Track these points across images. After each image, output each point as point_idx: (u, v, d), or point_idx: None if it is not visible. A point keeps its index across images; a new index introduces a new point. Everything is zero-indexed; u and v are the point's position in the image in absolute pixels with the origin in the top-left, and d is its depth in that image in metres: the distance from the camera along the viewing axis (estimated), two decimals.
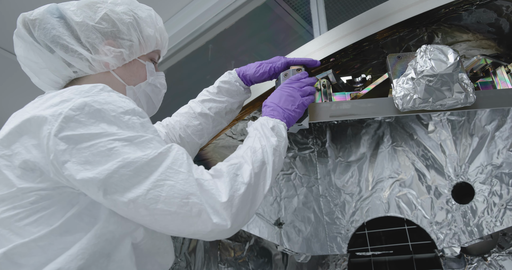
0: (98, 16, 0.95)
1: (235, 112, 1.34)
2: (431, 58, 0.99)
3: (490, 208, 1.63)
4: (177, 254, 1.67)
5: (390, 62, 1.16)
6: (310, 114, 1.15)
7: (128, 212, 0.75)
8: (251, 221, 1.77)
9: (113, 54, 0.96)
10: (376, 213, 1.94)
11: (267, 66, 1.26)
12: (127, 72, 1.00)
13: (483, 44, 1.33)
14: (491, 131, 1.69)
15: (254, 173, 0.86)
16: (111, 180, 0.73)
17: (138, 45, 1.00)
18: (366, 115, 1.13)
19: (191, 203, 0.74)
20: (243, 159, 0.88)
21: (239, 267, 1.88)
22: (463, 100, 1.03)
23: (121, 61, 0.98)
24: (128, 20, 0.98)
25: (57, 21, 0.93)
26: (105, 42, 0.96)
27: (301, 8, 2.48)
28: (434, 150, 1.87)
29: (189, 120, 1.26)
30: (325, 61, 1.41)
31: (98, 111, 0.77)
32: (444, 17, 1.25)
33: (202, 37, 2.75)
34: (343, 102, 1.16)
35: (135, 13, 1.00)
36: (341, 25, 1.40)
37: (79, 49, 0.93)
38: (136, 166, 0.74)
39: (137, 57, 1.02)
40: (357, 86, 1.40)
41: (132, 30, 0.98)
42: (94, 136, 0.75)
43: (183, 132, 1.24)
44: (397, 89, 1.08)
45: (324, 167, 2.08)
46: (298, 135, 2.07)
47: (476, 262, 1.70)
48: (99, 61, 0.95)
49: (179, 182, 0.75)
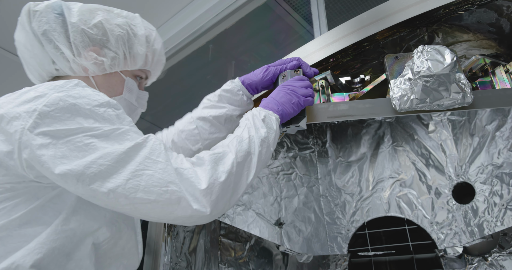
0: (92, 22, 0.97)
1: (235, 121, 1.27)
2: (428, 59, 0.99)
3: (490, 208, 1.63)
4: (177, 254, 1.67)
5: (387, 62, 1.16)
6: (308, 115, 1.14)
7: (108, 202, 0.76)
8: (251, 220, 1.77)
9: (93, 61, 0.97)
10: (377, 213, 1.94)
11: (276, 69, 1.21)
12: (105, 82, 1.01)
13: (484, 44, 1.33)
14: (492, 131, 1.69)
15: (237, 162, 0.86)
16: (89, 170, 0.73)
17: (123, 60, 1.01)
18: (364, 116, 1.13)
19: (170, 191, 0.75)
20: (228, 148, 0.89)
21: (240, 267, 1.88)
22: (461, 100, 1.03)
23: (101, 70, 0.99)
24: (118, 33, 0.99)
25: (55, 17, 0.95)
26: (91, 48, 0.97)
27: (302, 8, 2.48)
28: (435, 150, 1.87)
29: (185, 125, 1.23)
30: (325, 61, 1.41)
31: (73, 105, 0.78)
32: (444, 17, 1.25)
33: (202, 37, 2.75)
34: (340, 103, 1.16)
35: (131, 29, 1.02)
36: (342, 25, 1.40)
37: (64, 48, 0.95)
38: (113, 156, 0.75)
39: (119, 71, 1.02)
40: (356, 87, 1.40)
41: (120, 44, 1.00)
42: (70, 131, 0.76)
43: (177, 137, 1.22)
44: (395, 90, 1.08)
45: (325, 167, 2.08)
46: (299, 135, 2.07)
47: (477, 262, 1.70)
48: (79, 64, 0.97)
49: (158, 171, 0.76)
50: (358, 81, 1.41)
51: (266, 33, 2.73)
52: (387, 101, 1.11)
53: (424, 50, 1.01)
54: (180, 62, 2.85)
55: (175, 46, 2.83)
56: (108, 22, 0.99)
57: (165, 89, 3.07)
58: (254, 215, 1.78)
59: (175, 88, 3.08)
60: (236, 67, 2.68)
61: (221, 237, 1.91)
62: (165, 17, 2.74)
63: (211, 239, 1.86)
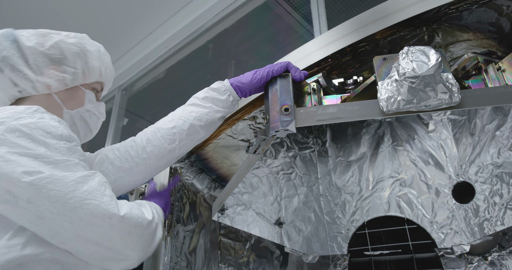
0: (49, 44, 1.07)
1: (216, 123, 1.29)
2: (413, 60, 0.99)
3: (491, 208, 1.63)
4: (177, 254, 1.67)
5: (376, 64, 1.16)
6: (296, 118, 1.14)
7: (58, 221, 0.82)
8: (251, 220, 1.77)
9: (56, 78, 1.06)
10: (377, 212, 1.94)
11: (264, 72, 1.24)
12: (67, 96, 1.10)
13: (484, 44, 1.33)
14: (492, 130, 1.69)
15: None
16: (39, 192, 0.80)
17: (82, 74, 1.11)
18: (353, 118, 1.13)
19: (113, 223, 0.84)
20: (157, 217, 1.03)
21: (240, 266, 1.88)
22: (448, 100, 1.03)
23: (63, 85, 1.08)
24: (75, 50, 1.10)
25: (9, 44, 1.04)
26: (51, 67, 1.06)
27: (302, 8, 2.48)
28: (435, 150, 1.87)
29: (164, 123, 1.25)
30: (324, 61, 1.41)
31: (28, 135, 0.85)
32: (444, 17, 1.25)
33: (202, 36, 2.75)
34: (329, 106, 1.15)
35: (84, 46, 1.12)
36: (341, 25, 1.40)
37: (25, 70, 1.03)
38: (64, 183, 0.81)
39: (79, 85, 1.12)
40: (349, 88, 1.40)
41: (77, 60, 1.10)
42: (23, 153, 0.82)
43: (153, 135, 1.23)
44: (382, 91, 1.08)
45: (325, 167, 2.08)
46: (299, 134, 2.07)
47: (477, 262, 1.70)
48: (42, 82, 1.06)
49: (104, 202, 0.84)
50: (351, 82, 1.41)
51: (266, 33, 2.74)
52: (375, 103, 1.11)
53: (409, 51, 1.01)
54: (180, 61, 2.85)
55: (175, 45, 2.83)
56: (63, 42, 1.09)
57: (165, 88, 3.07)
58: (254, 214, 1.78)
59: (175, 87, 3.08)
60: (236, 66, 2.68)
61: (221, 237, 1.91)
62: (165, 16, 2.74)
63: (211, 239, 1.86)
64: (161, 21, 2.75)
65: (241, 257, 1.92)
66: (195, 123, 1.23)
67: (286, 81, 1.22)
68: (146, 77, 3.09)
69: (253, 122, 1.64)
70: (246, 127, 1.67)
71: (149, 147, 1.21)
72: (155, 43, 2.89)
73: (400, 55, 1.03)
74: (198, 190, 1.95)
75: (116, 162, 1.19)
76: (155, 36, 2.85)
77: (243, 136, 1.74)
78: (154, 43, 2.89)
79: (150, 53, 2.97)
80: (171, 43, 2.82)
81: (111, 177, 1.20)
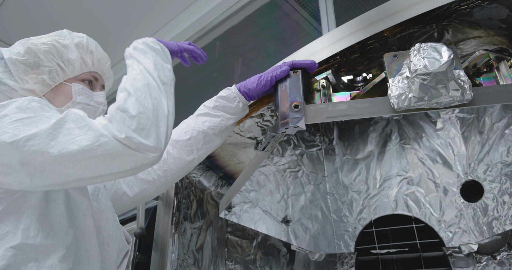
0: (23, 51, 1.09)
1: (229, 129, 1.32)
2: (425, 57, 0.98)
3: (500, 207, 1.61)
4: (184, 251, 1.67)
5: (386, 61, 1.15)
6: (306, 115, 1.14)
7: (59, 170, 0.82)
8: (258, 218, 1.77)
9: (35, 81, 1.08)
10: (384, 211, 1.94)
11: (268, 76, 1.26)
12: (54, 95, 1.11)
13: (495, 41, 1.31)
14: (501, 128, 1.67)
15: (141, 100, 0.90)
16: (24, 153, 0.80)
17: (60, 70, 1.11)
18: (363, 115, 1.12)
19: (103, 143, 0.82)
20: (126, 92, 0.92)
21: (246, 264, 1.89)
22: (460, 97, 1.02)
23: (46, 87, 1.10)
24: (44, 48, 1.10)
25: None
26: (31, 72, 1.09)
27: (309, 5, 2.47)
28: (443, 148, 1.85)
29: (179, 134, 1.28)
30: (332, 59, 1.40)
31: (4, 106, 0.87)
32: (455, 13, 1.23)
33: (209, 34, 2.75)
34: (339, 102, 1.15)
35: (57, 42, 1.12)
36: (350, 22, 1.39)
37: (9, 82, 1.07)
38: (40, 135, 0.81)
39: (62, 81, 1.12)
40: (358, 86, 1.39)
41: (50, 57, 1.10)
42: None
43: (171, 147, 1.26)
44: (393, 89, 1.07)
45: (332, 165, 2.07)
46: (306, 132, 2.06)
47: (485, 261, 1.69)
48: (26, 90, 1.09)
49: (87, 133, 0.82)
50: (361, 80, 1.40)
51: (273, 30, 2.73)
52: (386, 100, 1.10)
53: (421, 48, 1.00)
54: None
55: None
56: (34, 45, 1.10)
57: None
58: (261, 212, 1.78)
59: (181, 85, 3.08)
60: (243, 64, 2.67)
61: (228, 234, 1.91)
62: (172, 14, 2.74)
63: (218, 236, 1.86)
64: (168, 19, 2.75)
65: (248, 254, 1.92)
66: (209, 132, 1.26)
67: (296, 78, 1.22)
68: None
69: (261, 119, 1.64)
70: (253, 125, 1.67)
71: (169, 159, 1.26)
72: None
73: (411, 52, 1.02)
74: (205, 188, 1.96)
75: (139, 175, 1.25)
76: (162, 34, 2.85)
77: (251, 134, 1.74)
78: None
79: None
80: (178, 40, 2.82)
81: (136, 189, 1.26)
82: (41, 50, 1.10)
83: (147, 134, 0.85)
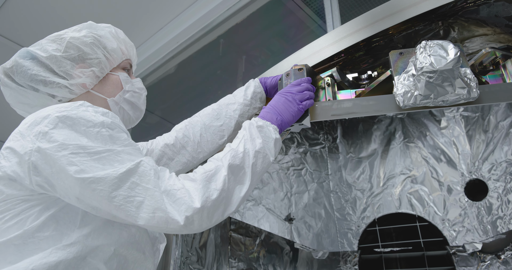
0: (63, 46, 1.07)
1: None
2: (431, 54, 0.98)
3: (504, 206, 1.61)
4: (188, 248, 1.67)
5: (392, 58, 1.14)
6: (311, 113, 1.14)
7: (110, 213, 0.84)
8: (261, 216, 1.77)
9: (86, 75, 1.07)
10: (388, 209, 1.93)
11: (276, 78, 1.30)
12: (104, 86, 1.11)
13: (501, 38, 1.30)
14: (506, 127, 1.66)
15: (229, 178, 0.91)
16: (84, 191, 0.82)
17: (106, 60, 1.11)
18: (368, 113, 1.12)
19: (157, 217, 0.82)
20: (221, 163, 0.93)
21: (250, 262, 1.89)
22: (466, 95, 1.02)
23: (95, 79, 1.09)
24: (89, 41, 1.10)
25: (30, 62, 1.06)
26: (77, 67, 1.07)
27: (314, 3, 2.46)
28: (447, 147, 1.85)
29: (211, 120, 1.32)
30: (337, 56, 1.39)
31: (70, 126, 0.87)
32: (461, 11, 1.22)
33: (213, 31, 2.74)
34: (344, 100, 1.15)
35: (95, 33, 1.12)
36: (355, 20, 1.38)
37: (56, 80, 1.05)
38: (106, 181, 0.82)
39: (109, 71, 1.13)
40: (363, 83, 1.38)
41: (95, 49, 1.10)
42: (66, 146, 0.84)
43: (205, 130, 1.31)
44: (398, 86, 1.07)
45: (335, 163, 2.07)
46: (309, 130, 2.06)
47: (490, 260, 1.68)
48: (76, 84, 1.07)
49: (147, 198, 0.83)
50: (366, 77, 1.39)
51: (277, 28, 2.72)
52: (391, 98, 1.10)
53: (427, 46, 0.99)
54: (190, 56, 2.85)
55: (186, 40, 2.82)
56: (75, 39, 1.09)
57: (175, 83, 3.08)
58: (264, 210, 1.78)
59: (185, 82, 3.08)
60: (247, 62, 2.67)
61: (231, 232, 1.92)
62: (176, 11, 2.73)
63: (222, 234, 1.86)
64: (173, 16, 2.75)
65: (251, 252, 1.92)
66: (240, 120, 1.33)
67: (301, 75, 1.21)
68: (157, 72, 3.09)
69: None
70: None
71: (203, 142, 1.30)
72: (166, 38, 2.88)
73: (417, 50, 1.01)
74: None
75: (175, 157, 1.29)
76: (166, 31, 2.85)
77: None
78: (165, 38, 2.88)
79: (161, 48, 2.97)
80: (182, 38, 2.82)
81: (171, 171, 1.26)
82: (86, 43, 1.09)
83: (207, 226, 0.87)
